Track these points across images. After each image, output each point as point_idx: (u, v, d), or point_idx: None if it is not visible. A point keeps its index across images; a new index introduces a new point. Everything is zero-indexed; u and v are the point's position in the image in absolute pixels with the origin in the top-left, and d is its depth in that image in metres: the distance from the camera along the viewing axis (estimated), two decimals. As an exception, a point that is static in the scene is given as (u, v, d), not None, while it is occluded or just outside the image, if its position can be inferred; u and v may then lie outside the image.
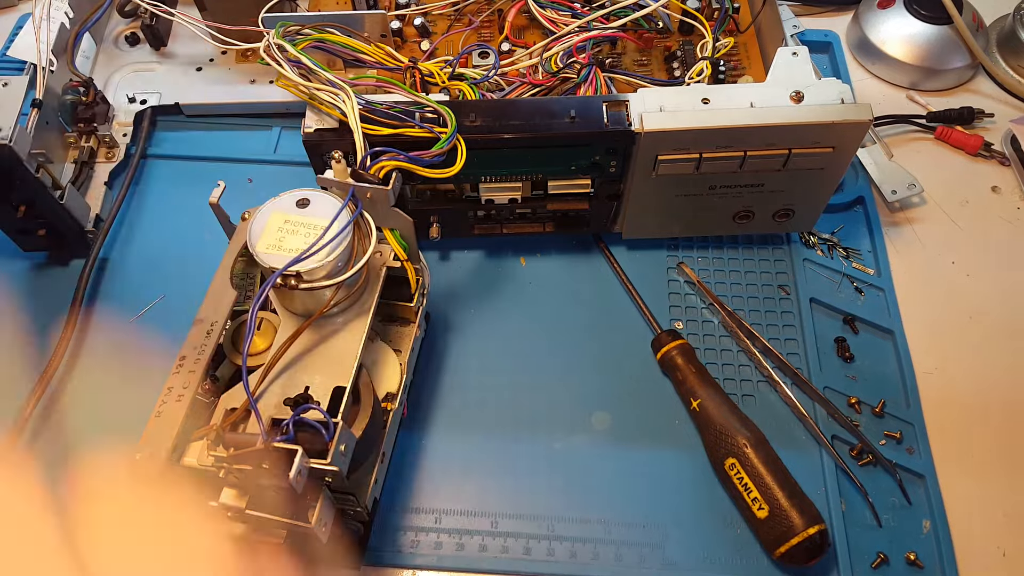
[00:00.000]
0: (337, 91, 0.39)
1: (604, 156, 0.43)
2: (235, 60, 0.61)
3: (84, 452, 0.44)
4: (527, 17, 0.55)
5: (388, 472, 0.43)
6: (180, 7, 0.61)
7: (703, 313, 0.50)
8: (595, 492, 0.44)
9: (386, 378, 0.41)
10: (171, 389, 0.35)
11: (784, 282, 0.51)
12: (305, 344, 0.35)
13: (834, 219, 0.54)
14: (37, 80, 0.51)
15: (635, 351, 0.48)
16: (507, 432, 0.46)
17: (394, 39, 0.55)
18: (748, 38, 0.56)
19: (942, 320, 0.50)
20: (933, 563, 0.41)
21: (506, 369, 0.48)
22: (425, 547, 0.42)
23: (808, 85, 0.42)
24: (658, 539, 0.42)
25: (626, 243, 0.52)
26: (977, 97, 0.61)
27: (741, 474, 0.41)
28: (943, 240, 0.53)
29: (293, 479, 0.30)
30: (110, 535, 0.33)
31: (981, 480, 0.44)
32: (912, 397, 0.46)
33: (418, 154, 0.38)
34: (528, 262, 0.52)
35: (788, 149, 0.42)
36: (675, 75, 0.54)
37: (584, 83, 0.48)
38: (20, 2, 0.68)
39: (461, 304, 0.50)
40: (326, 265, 0.34)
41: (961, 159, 0.57)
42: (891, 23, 0.61)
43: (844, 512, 0.42)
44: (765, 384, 0.47)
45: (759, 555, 0.41)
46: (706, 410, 0.43)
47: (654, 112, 0.41)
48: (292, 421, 0.31)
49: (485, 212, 0.49)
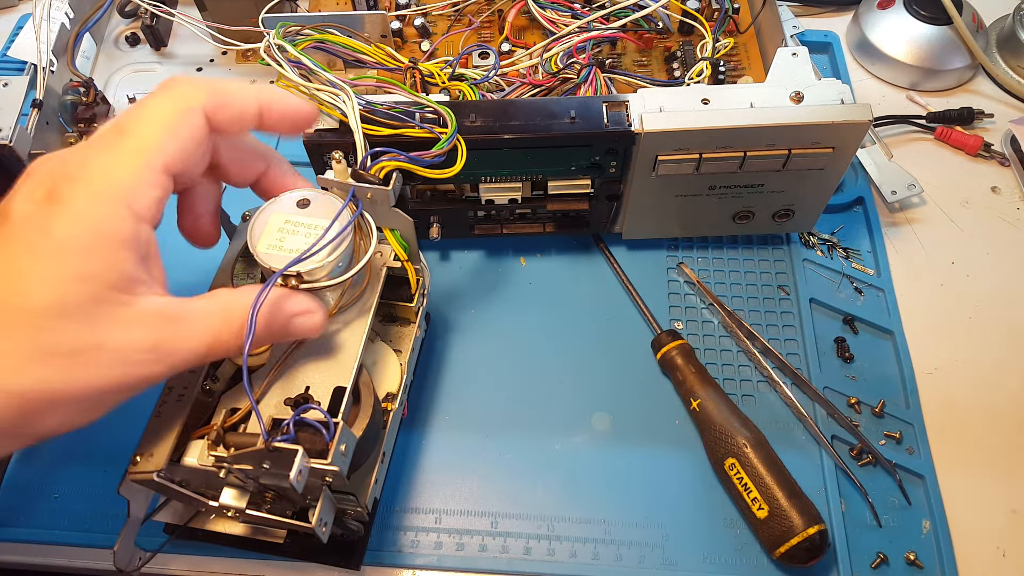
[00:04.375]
0: (337, 91, 0.39)
1: (604, 156, 0.43)
2: (235, 60, 0.61)
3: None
4: (527, 18, 0.55)
5: (388, 472, 0.43)
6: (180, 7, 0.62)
7: (703, 313, 0.50)
8: (595, 492, 0.44)
9: (386, 378, 0.41)
10: (171, 389, 0.35)
11: (784, 282, 0.51)
12: (305, 344, 0.35)
13: (834, 219, 0.54)
14: (37, 80, 0.51)
15: (635, 351, 0.48)
16: (507, 432, 0.46)
17: (394, 39, 0.55)
18: (748, 38, 0.56)
19: (942, 320, 0.50)
20: (933, 563, 0.41)
21: (506, 369, 0.48)
22: (425, 547, 0.42)
23: (808, 85, 0.42)
24: (658, 539, 0.42)
25: (626, 243, 0.52)
26: (977, 97, 0.61)
27: (741, 474, 0.41)
28: (943, 240, 0.53)
29: (293, 479, 0.30)
30: None
31: (981, 480, 0.44)
32: (912, 397, 0.46)
33: (418, 154, 0.38)
34: (528, 262, 0.52)
35: (788, 149, 0.42)
36: (675, 75, 0.54)
37: (584, 83, 0.48)
38: (20, 2, 0.68)
39: (461, 304, 0.50)
40: (327, 265, 0.34)
41: (961, 159, 0.58)
42: (891, 23, 0.61)
43: (844, 512, 0.42)
44: (765, 384, 0.47)
45: (759, 555, 0.41)
46: (706, 410, 0.43)
47: (654, 112, 0.42)
48: (293, 421, 0.31)
49: (485, 212, 0.49)
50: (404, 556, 0.42)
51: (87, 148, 0.29)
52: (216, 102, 0.31)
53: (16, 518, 0.43)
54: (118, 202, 0.28)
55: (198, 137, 0.30)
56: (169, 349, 0.29)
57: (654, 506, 0.43)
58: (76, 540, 0.43)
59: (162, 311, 0.29)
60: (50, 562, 0.43)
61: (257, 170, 0.36)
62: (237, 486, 0.34)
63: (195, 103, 0.30)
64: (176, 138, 0.30)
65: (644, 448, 0.45)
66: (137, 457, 0.33)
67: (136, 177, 0.28)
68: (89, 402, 0.28)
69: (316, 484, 0.33)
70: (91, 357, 0.27)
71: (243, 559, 0.42)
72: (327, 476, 0.32)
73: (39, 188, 0.28)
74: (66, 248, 0.27)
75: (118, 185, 0.28)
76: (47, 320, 0.26)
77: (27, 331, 0.26)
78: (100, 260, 0.27)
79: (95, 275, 0.27)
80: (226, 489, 0.34)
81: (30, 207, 0.27)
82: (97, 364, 0.27)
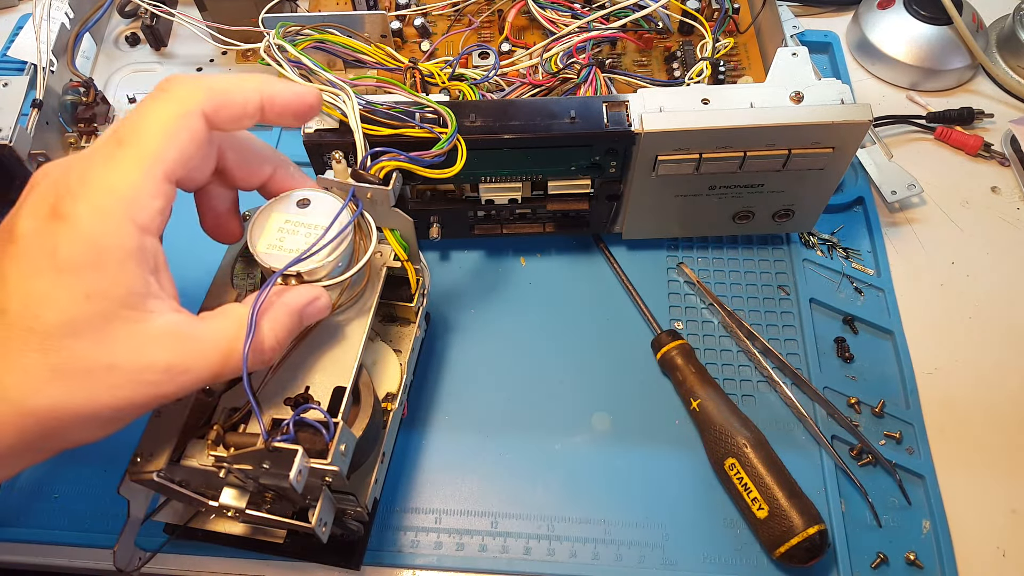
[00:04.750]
0: (337, 91, 0.39)
1: (604, 156, 0.43)
2: (235, 60, 0.61)
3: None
4: (527, 18, 0.55)
5: (388, 472, 0.43)
6: (180, 7, 0.62)
7: (703, 313, 0.50)
8: (595, 492, 0.44)
9: (386, 378, 0.41)
10: (171, 389, 0.35)
11: (784, 282, 0.51)
12: (305, 344, 0.35)
13: (834, 219, 0.54)
14: (37, 80, 0.51)
15: (635, 351, 0.48)
16: (507, 432, 0.46)
17: (394, 39, 0.55)
18: (748, 38, 0.56)
19: (942, 320, 0.50)
20: (933, 563, 0.41)
21: (506, 369, 0.48)
22: (425, 547, 0.42)
23: (808, 85, 0.42)
24: (658, 539, 0.42)
25: (626, 243, 0.52)
26: (977, 97, 0.61)
27: (741, 474, 0.41)
28: (943, 240, 0.53)
29: (293, 479, 0.30)
30: None
31: (981, 480, 0.44)
32: (912, 397, 0.46)
33: (418, 154, 0.38)
34: (528, 262, 0.52)
35: (788, 149, 0.42)
36: (675, 75, 0.54)
37: (584, 83, 0.48)
38: (20, 2, 0.68)
39: (461, 304, 0.50)
40: (327, 265, 0.34)
41: (961, 159, 0.58)
42: (891, 23, 0.61)
43: (844, 512, 0.42)
44: (765, 384, 0.47)
45: (759, 555, 0.41)
46: (706, 410, 0.43)
47: (654, 112, 0.42)
48: (292, 421, 0.31)
49: (485, 212, 0.49)
50: (404, 556, 0.42)
51: (87, 160, 0.29)
52: (216, 102, 0.31)
53: (16, 518, 0.44)
54: (121, 216, 0.28)
55: (198, 140, 0.30)
56: (182, 368, 0.29)
57: (654, 506, 0.43)
58: (76, 540, 0.43)
59: (175, 330, 0.29)
60: (50, 562, 0.43)
61: (264, 173, 0.35)
62: (237, 486, 0.34)
63: (193, 106, 0.30)
64: (175, 145, 0.29)
65: (644, 448, 0.45)
66: (137, 457, 0.33)
67: (137, 189, 0.28)
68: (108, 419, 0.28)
69: (316, 484, 0.33)
70: (104, 376, 0.27)
71: (243, 559, 0.42)
72: (327, 476, 0.32)
73: (43, 204, 0.28)
74: (72, 267, 0.27)
75: (120, 199, 0.28)
76: (57, 340, 0.26)
77: (40, 352, 0.26)
78: (106, 277, 0.27)
79: (102, 293, 0.27)
80: (226, 489, 0.34)
81: (35, 224, 0.27)
82: (110, 384, 0.27)
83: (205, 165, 0.32)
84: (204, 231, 0.36)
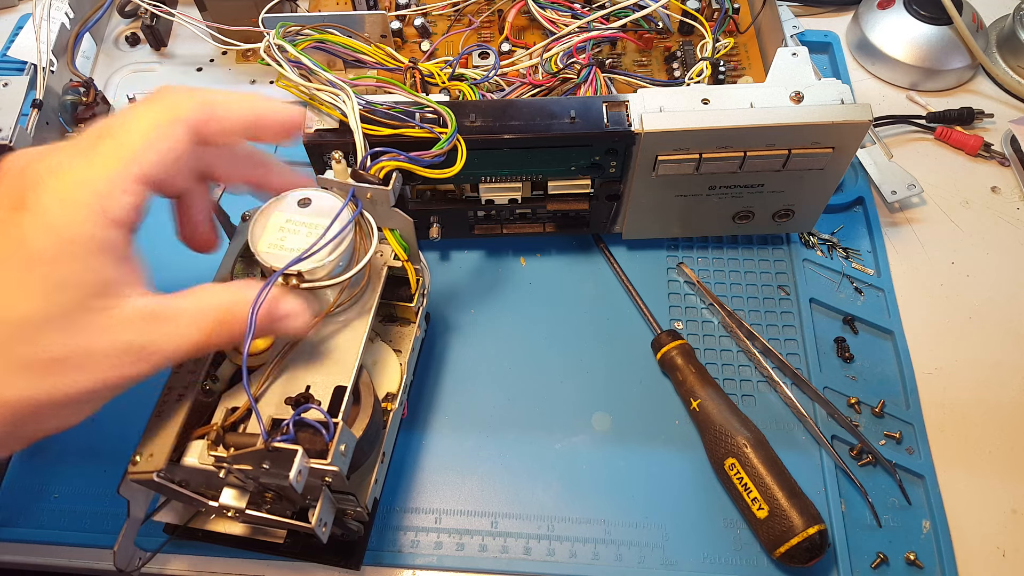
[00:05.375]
0: (337, 91, 0.39)
1: (604, 156, 0.43)
2: (235, 60, 0.61)
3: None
4: (527, 18, 0.55)
5: (388, 472, 0.43)
6: (180, 7, 0.62)
7: (703, 313, 0.50)
8: (595, 492, 0.44)
9: (386, 378, 0.41)
10: (171, 389, 0.35)
11: (784, 282, 0.51)
12: (306, 344, 0.35)
13: (834, 219, 0.54)
14: (37, 80, 0.51)
15: (635, 351, 0.48)
16: (507, 432, 0.46)
17: (394, 39, 0.55)
18: (748, 38, 0.56)
19: (942, 320, 0.50)
20: (933, 563, 0.41)
21: (506, 369, 0.48)
22: (425, 547, 0.42)
23: (808, 85, 0.42)
24: (658, 539, 0.42)
25: (626, 243, 0.52)
26: (977, 97, 0.61)
27: (741, 474, 0.41)
28: (943, 240, 0.53)
29: (293, 479, 0.30)
30: None
31: (981, 480, 0.44)
32: (912, 397, 0.46)
33: (418, 154, 0.38)
34: (528, 262, 0.52)
35: (788, 149, 0.42)
36: (675, 75, 0.54)
37: (584, 83, 0.49)
38: (20, 2, 0.68)
39: (461, 304, 0.50)
40: (327, 264, 0.34)
41: (961, 159, 0.58)
42: (891, 23, 0.61)
43: (844, 512, 0.42)
44: (765, 384, 0.47)
45: (759, 555, 0.41)
46: (706, 410, 0.43)
47: (654, 112, 0.42)
48: (292, 421, 0.31)
49: (485, 212, 0.49)
50: (404, 556, 0.42)
51: (61, 151, 0.29)
52: (205, 115, 0.31)
53: (16, 518, 0.43)
54: (91, 207, 0.28)
55: (177, 149, 0.30)
56: (155, 348, 0.29)
57: (654, 506, 0.43)
58: (76, 540, 0.43)
59: (145, 311, 0.29)
60: (50, 562, 0.43)
61: (255, 176, 0.36)
62: (237, 486, 0.34)
63: (181, 115, 0.30)
64: (154, 149, 0.30)
65: (644, 448, 0.45)
66: (137, 457, 0.33)
67: (110, 183, 0.28)
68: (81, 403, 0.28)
69: (316, 484, 0.33)
70: (77, 363, 0.27)
71: (243, 559, 0.42)
72: (327, 476, 0.32)
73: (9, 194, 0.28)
74: (42, 257, 0.27)
75: (91, 191, 0.28)
76: (28, 331, 0.27)
77: (9, 343, 0.26)
78: (77, 267, 0.27)
79: (73, 283, 0.27)
80: (226, 489, 0.34)
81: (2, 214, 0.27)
82: (83, 369, 0.27)
83: (182, 173, 0.32)
84: (180, 239, 0.36)
